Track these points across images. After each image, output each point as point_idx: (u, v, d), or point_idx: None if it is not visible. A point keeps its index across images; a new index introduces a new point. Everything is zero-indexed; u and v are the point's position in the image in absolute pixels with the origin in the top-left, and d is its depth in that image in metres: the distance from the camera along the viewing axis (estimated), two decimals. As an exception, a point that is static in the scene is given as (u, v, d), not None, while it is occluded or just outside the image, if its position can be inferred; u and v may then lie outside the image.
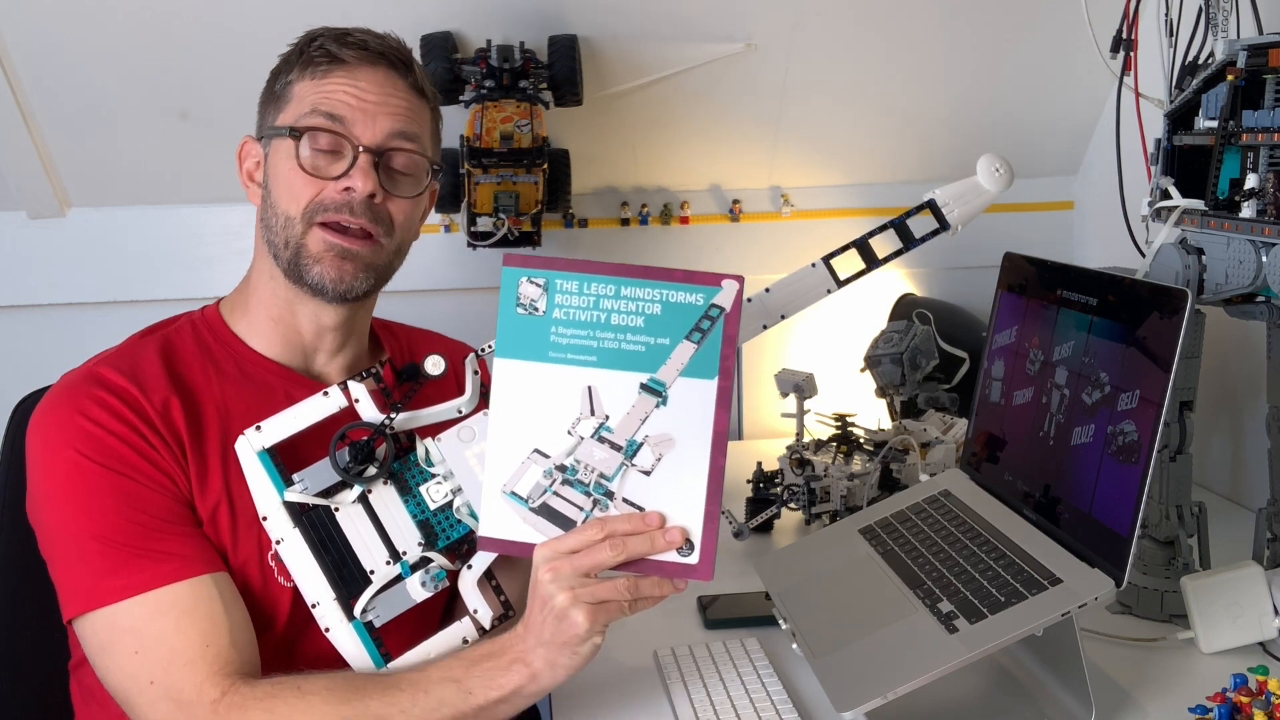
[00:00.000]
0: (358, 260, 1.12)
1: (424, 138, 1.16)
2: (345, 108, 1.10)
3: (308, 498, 1.03)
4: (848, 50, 1.91)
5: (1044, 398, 1.17)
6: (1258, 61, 1.16)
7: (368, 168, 1.10)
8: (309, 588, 1.03)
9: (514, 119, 1.73)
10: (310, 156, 1.11)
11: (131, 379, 1.07)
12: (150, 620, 1.01)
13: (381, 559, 1.05)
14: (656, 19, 1.81)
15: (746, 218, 2.09)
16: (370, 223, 1.11)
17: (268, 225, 1.13)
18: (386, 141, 1.12)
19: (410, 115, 1.14)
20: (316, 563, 1.03)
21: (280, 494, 1.03)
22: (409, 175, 1.15)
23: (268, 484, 1.03)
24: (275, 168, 1.13)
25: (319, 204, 1.10)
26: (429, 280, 1.99)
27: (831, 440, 1.63)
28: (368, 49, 1.13)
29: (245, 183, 1.18)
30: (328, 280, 1.11)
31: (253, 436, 1.04)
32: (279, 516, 1.03)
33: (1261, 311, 1.23)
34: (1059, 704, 1.07)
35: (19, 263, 1.92)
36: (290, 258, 1.12)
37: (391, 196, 1.13)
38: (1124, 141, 1.44)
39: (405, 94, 1.14)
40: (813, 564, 1.26)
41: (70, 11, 1.67)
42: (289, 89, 1.13)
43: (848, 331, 2.07)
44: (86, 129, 1.81)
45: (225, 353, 1.15)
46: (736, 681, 1.13)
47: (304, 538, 1.03)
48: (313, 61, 1.12)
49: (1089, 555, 1.03)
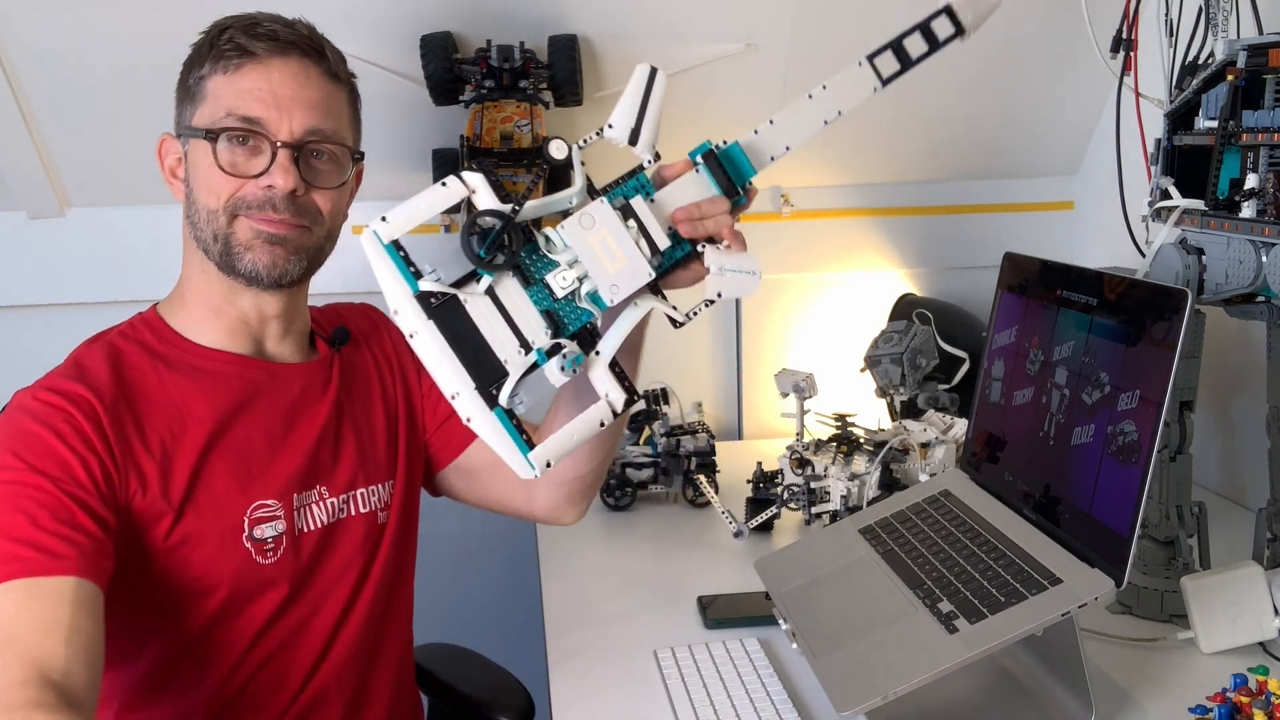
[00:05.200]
0: (287, 244, 1.11)
1: (342, 125, 1.15)
2: (260, 106, 1.09)
3: (443, 286, 0.99)
4: (848, 50, 1.89)
5: (1044, 398, 1.17)
6: (1258, 61, 1.16)
7: (287, 164, 1.09)
8: (446, 379, 0.99)
9: (514, 119, 1.73)
10: (228, 154, 1.09)
11: (83, 383, 1.06)
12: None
13: (514, 348, 1.01)
14: (656, 19, 1.81)
15: (746, 218, 2.04)
16: (295, 216, 1.11)
17: (193, 222, 1.13)
18: (304, 135, 1.10)
19: (326, 105, 1.13)
20: (454, 353, 0.99)
21: (413, 286, 0.99)
22: (330, 165, 1.14)
23: (397, 276, 0.99)
24: (195, 166, 1.12)
25: (241, 199, 1.10)
26: (429, 280, 1.99)
27: (831, 440, 1.63)
28: (278, 39, 1.11)
29: (169, 180, 1.17)
30: (261, 267, 1.11)
31: (380, 228, 0.98)
32: (410, 309, 0.99)
33: (1261, 311, 1.23)
34: (1059, 704, 1.07)
35: (19, 263, 1.93)
36: (220, 250, 1.11)
37: (314, 188, 1.12)
38: (1124, 141, 1.44)
39: (319, 83, 1.13)
40: (813, 564, 1.26)
41: (70, 12, 1.67)
42: (202, 85, 1.12)
43: (848, 331, 2.08)
44: (86, 129, 1.81)
45: (173, 350, 1.15)
46: (736, 681, 1.13)
47: (439, 329, 0.99)
48: (224, 55, 1.10)
49: (1089, 555, 1.03)
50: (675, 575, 1.45)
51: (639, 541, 1.60)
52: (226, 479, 1.11)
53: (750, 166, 1.12)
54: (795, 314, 2.17)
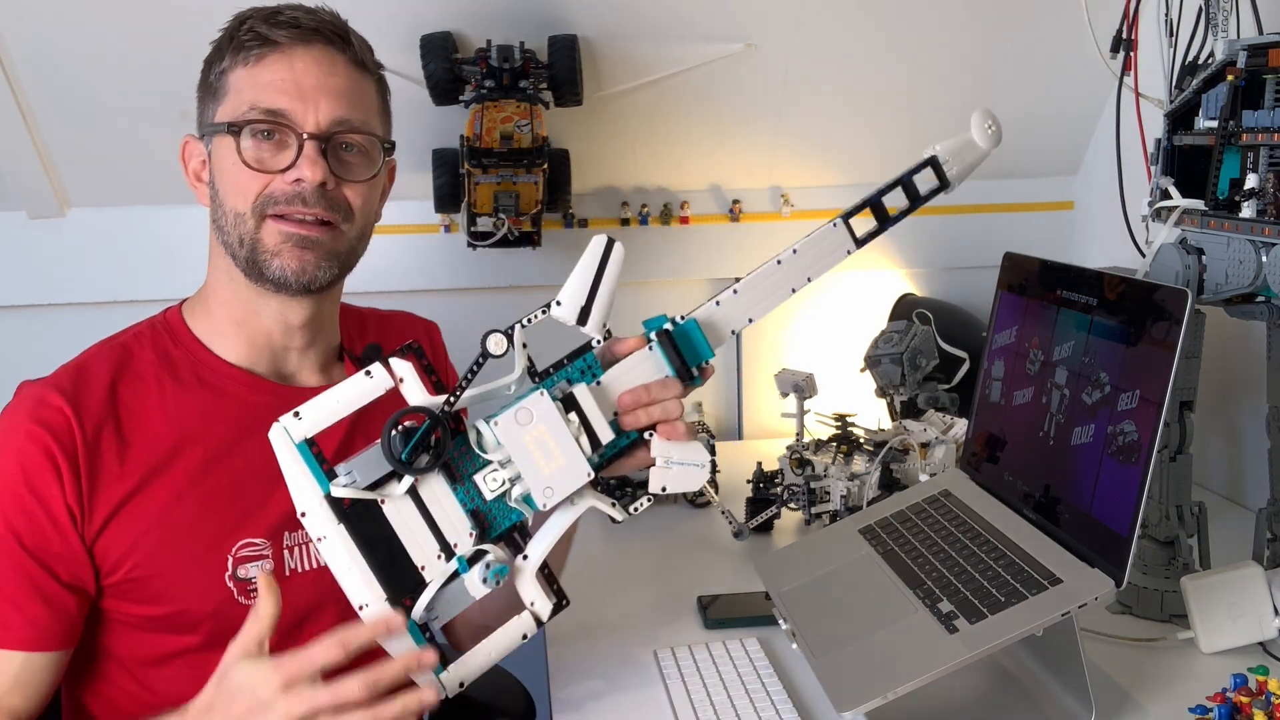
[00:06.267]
0: (318, 248, 1.07)
1: (371, 115, 1.11)
2: (284, 98, 1.04)
3: (356, 491, 0.93)
4: (848, 50, 1.91)
5: (1044, 398, 1.17)
6: (1258, 61, 1.16)
7: (315, 155, 1.05)
8: (355, 589, 0.94)
9: (514, 119, 1.73)
10: (253, 150, 1.05)
11: (73, 398, 1.04)
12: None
13: (433, 554, 0.96)
14: (656, 19, 1.81)
15: (746, 218, 2.09)
16: (326, 210, 1.06)
17: (219, 226, 1.08)
18: (331, 126, 1.06)
19: (353, 94, 1.08)
20: (366, 561, 0.93)
21: (324, 488, 0.92)
22: (360, 157, 1.10)
23: (308, 477, 0.92)
24: (219, 165, 1.07)
25: (269, 197, 1.05)
26: (429, 280, 1.99)
27: (831, 440, 1.63)
28: (299, 27, 1.06)
29: (193, 183, 1.13)
30: (289, 273, 1.06)
31: (291, 425, 0.92)
32: (320, 513, 0.93)
33: (1261, 311, 1.23)
34: (1059, 704, 1.07)
35: (19, 263, 1.92)
36: (247, 255, 1.06)
37: (344, 182, 1.08)
38: (1124, 141, 1.44)
39: (345, 71, 1.08)
40: (813, 564, 1.26)
41: (70, 11, 1.67)
42: (224, 79, 1.07)
43: (848, 331, 2.08)
44: (86, 129, 1.81)
45: (185, 358, 1.11)
46: (736, 681, 1.13)
47: (350, 534, 0.93)
48: (244, 46, 1.06)
49: (1089, 555, 1.03)
50: (675, 575, 1.45)
51: (639, 541, 1.60)
52: (212, 513, 1.06)
53: (708, 347, 1.04)
54: (795, 314, 2.17)
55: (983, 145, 1.12)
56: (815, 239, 1.07)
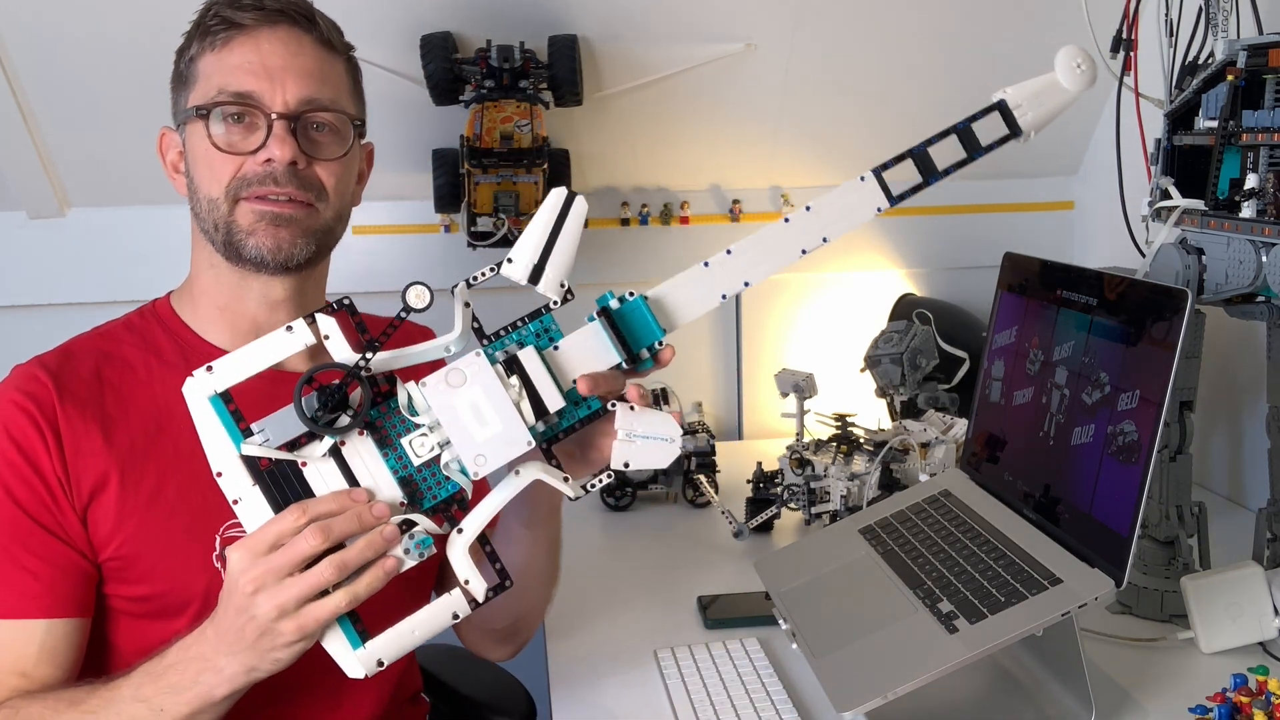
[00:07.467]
0: (293, 225, 1.07)
1: (340, 94, 1.11)
2: (251, 79, 1.05)
3: (269, 451, 0.88)
4: (848, 50, 1.91)
5: (1044, 398, 1.17)
6: (1258, 61, 1.16)
7: (284, 134, 1.05)
8: None
9: (514, 119, 1.73)
10: (224, 133, 1.06)
11: (56, 375, 1.06)
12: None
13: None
14: (656, 19, 1.81)
15: (746, 218, 2.09)
16: (299, 190, 1.07)
17: (196, 213, 1.10)
18: (300, 105, 1.07)
19: (321, 73, 1.09)
20: None
21: (237, 446, 0.87)
22: (331, 136, 1.10)
23: (221, 434, 0.88)
24: (193, 151, 1.09)
25: (241, 179, 1.06)
26: (429, 280, 1.97)
27: (831, 440, 1.63)
28: (264, 9, 1.07)
29: (171, 175, 1.14)
30: (265, 250, 1.07)
31: (202, 378, 0.88)
32: (235, 472, 0.88)
33: (1261, 311, 1.23)
34: (1059, 704, 1.07)
35: (19, 263, 1.93)
36: (224, 238, 1.07)
37: (316, 161, 1.08)
38: (1124, 141, 1.44)
39: (313, 51, 1.09)
40: (813, 564, 1.26)
41: (70, 12, 1.67)
42: (193, 67, 1.09)
43: (848, 331, 2.08)
44: (86, 129, 1.81)
45: (171, 341, 1.12)
46: (736, 681, 1.13)
47: (265, 497, 0.88)
48: (210, 31, 1.07)
49: (1089, 555, 1.03)
50: (675, 575, 1.45)
51: (639, 541, 1.60)
52: (198, 493, 1.04)
53: (657, 328, 0.94)
54: (795, 314, 2.17)
55: (1070, 88, 1.00)
56: (837, 195, 0.97)
